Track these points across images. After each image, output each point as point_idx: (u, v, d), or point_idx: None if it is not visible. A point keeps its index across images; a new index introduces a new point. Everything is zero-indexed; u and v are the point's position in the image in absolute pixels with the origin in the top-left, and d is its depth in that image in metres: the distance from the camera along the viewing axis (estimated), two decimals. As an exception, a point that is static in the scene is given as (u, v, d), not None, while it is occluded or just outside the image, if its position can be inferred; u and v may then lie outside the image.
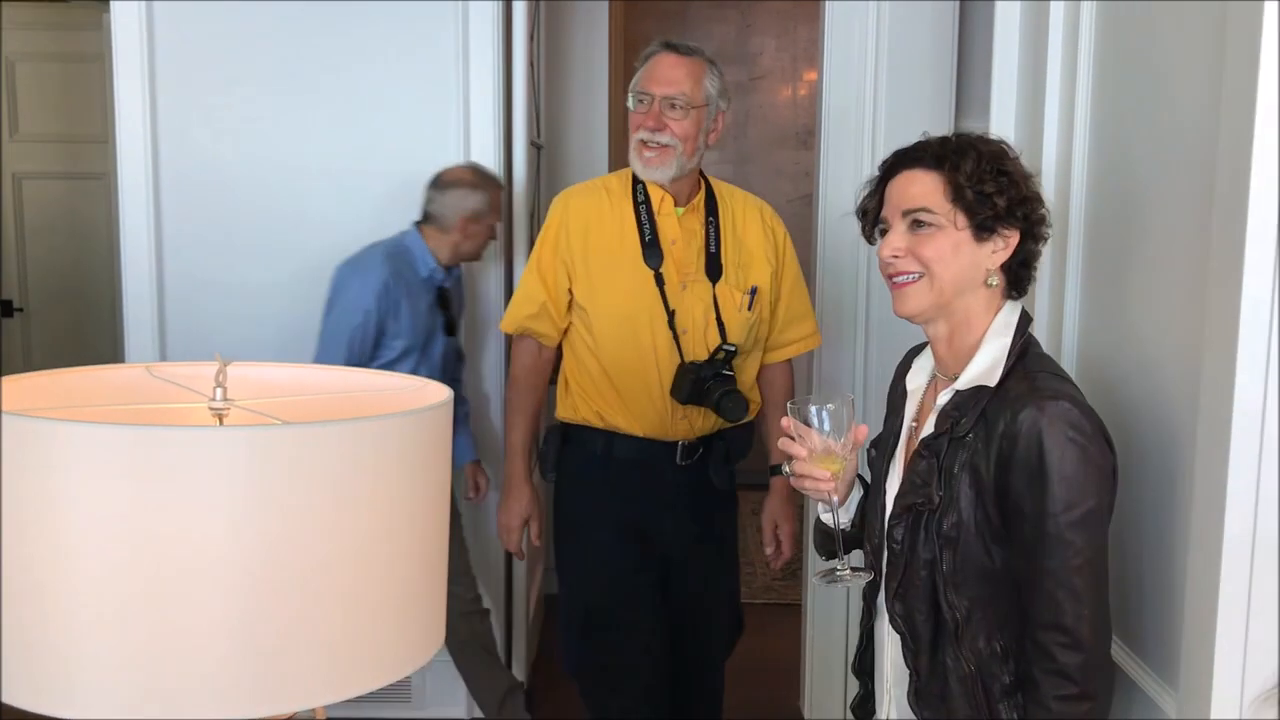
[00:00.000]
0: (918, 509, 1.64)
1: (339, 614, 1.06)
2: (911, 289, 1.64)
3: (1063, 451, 1.51)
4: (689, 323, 2.56)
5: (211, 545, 0.99)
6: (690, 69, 2.53)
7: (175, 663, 1.01)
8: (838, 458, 1.67)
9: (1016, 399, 1.56)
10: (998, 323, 1.65)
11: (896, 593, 1.67)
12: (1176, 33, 1.67)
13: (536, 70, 4.11)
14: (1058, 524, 1.52)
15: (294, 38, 3.40)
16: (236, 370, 1.26)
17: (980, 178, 1.60)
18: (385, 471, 1.08)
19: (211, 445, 0.98)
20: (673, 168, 2.53)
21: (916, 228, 1.63)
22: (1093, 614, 1.53)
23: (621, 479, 2.60)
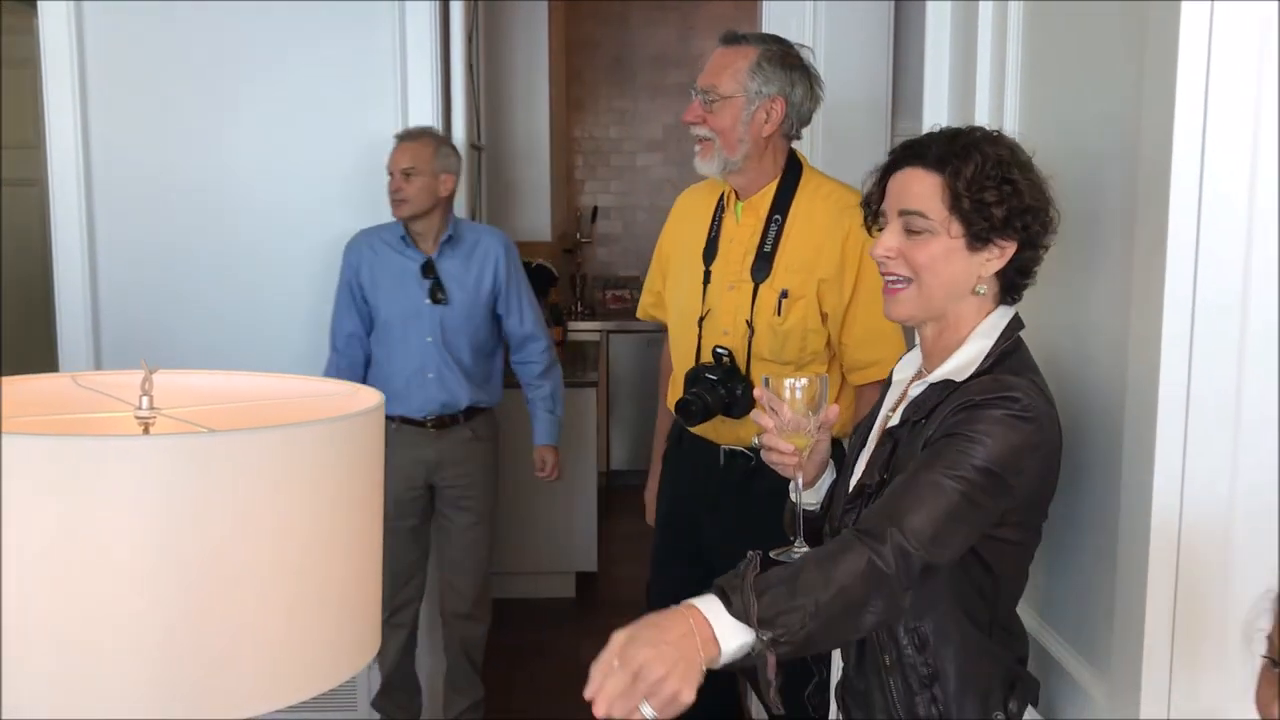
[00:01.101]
0: (864, 492, 1.64)
1: (272, 622, 1.05)
2: (902, 295, 1.62)
3: (1003, 428, 1.47)
4: (731, 324, 2.50)
5: (137, 556, 0.98)
6: (728, 60, 2.46)
7: (102, 671, 0.99)
8: (806, 434, 1.67)
9: (968, 385, 1.55)
10: (984, 325, 1.62)
11: None
12: (1100, 33, 1.70)
13: (476, 72, 4.10)
14: (963, 452, 1.46)
15: (227, 40, 3.36)
16: (165, 378, 1.24)
17: (981, 186, 1.54)
18: (316, 477, 1.07)
19: (134, 454, 0.97)
20: (715, 161, 2.46)
21: (912, 230, 1.59)
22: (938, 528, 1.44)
23: (679, 470, 2.68)
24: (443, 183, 3.24)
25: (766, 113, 2.44)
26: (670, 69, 6.95)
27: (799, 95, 2.46)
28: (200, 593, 1.00)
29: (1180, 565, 1.47)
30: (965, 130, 1.62)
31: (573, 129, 6.91)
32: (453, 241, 3.29)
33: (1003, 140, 1.60)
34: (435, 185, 3.23)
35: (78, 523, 0.97)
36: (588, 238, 6.95)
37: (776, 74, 2.43)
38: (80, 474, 0.96)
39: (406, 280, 3.24)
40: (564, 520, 4.83)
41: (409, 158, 3.21)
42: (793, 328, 2.44)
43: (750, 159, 2.47)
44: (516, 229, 5.04)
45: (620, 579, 5.17)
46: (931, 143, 1.59)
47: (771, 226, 2.47)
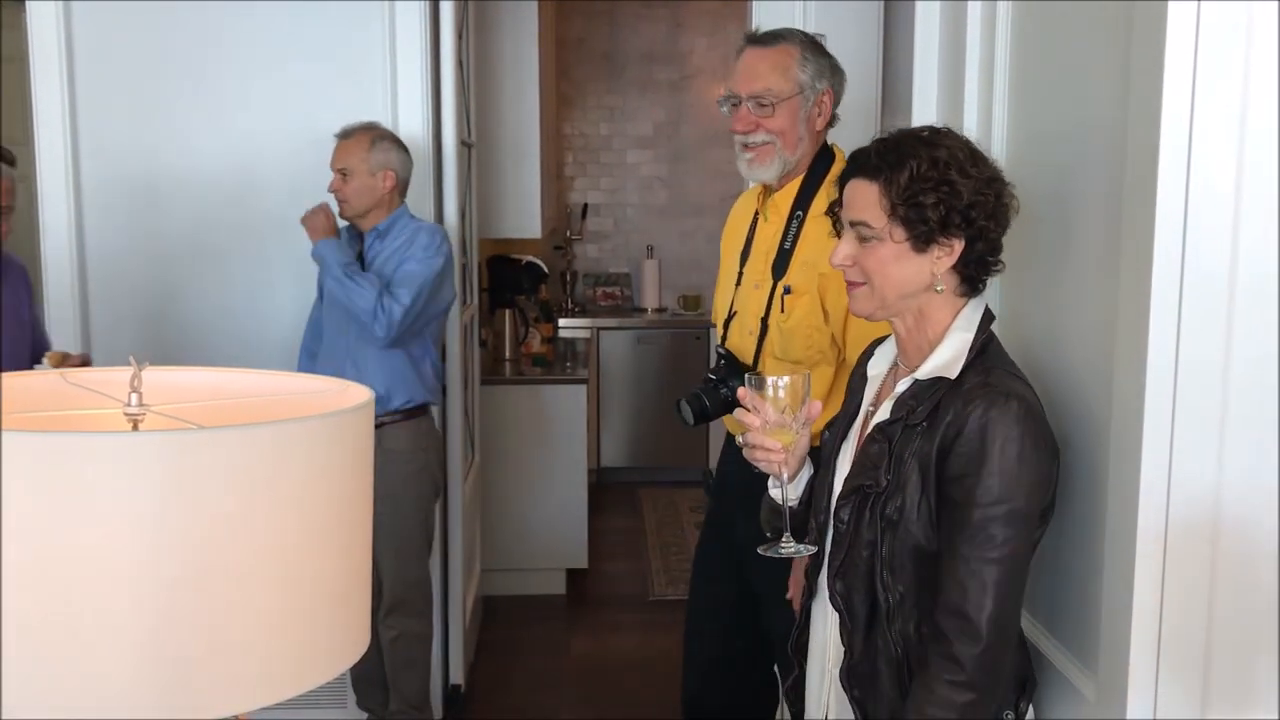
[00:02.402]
0: (865, 490, 1.66)
1: (261, 619, 1.05)
2: (857, 293, 1.69)
3: (1003, 447, 1.54)
4: (755, 324, 2.48)
5: (126, 552, 0.98)
6: (775, 60, 2.40)
7: (93, 672, 0.99)
8: (789, 430, 1.70)
9: (970, 391, 1.59)
10: (960, 320, 1.66)
11: (838, 571, 1.69)
12: (1087, 32, 1.71)
13: (466, 69, 4.09)
14: (984, 514, 1.54)
15: (216, 38, 3.36)
16: (154, 375, 1.24)
17: (915, 191, 1.59)
18: (304, 474, 1.07)
19: (123, 451, 0.97)
20: (776, 164, 2.42)
21: (862, 238, 1.65)
22: (997, 610, 1.54)
23: (725, 467, 2.69)
24: (382, 179, 3.16)
25: (819, 106, 2.42)
26: (659, 65, 6.95)
27: (838, 82, 2.45)
28: (190, 589, 1.00)
29: (1167, 564, 1.48)
30: (906, 134, 1.67)
31: (562, 126, 6.91)
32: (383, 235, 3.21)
33: (942, 140, 1.64)
34: (374, 183, 3.16)
35: (67, 519, 0.96)
36: (578, 234, 6.95)
37: (822, 65, 2.41)
38: (69, 471, 0.96)
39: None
40: (554, 517, 4.84)
41: (342, 157, 3.15)
42: (796, 325, 2.41)
43: (804, 156, 2.44)
44: (507, 226, 5.05)
45: (611, 575, 5.18)
46: (870, 152, 1.65)
47: (793, 223, 2.45)
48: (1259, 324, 1.44)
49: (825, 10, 3.31)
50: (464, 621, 3.92)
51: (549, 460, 4.85)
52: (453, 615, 3.80)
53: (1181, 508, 1.47)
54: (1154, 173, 1.43)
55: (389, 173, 3.18)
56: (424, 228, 3.25)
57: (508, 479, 4.80)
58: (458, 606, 3.82)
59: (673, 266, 6.88)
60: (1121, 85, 1.54)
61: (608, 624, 4.65)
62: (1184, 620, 1.48)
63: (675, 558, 5.30)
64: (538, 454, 4.83)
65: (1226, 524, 1.47)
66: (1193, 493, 1.47)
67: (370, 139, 3.16)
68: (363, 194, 3.16)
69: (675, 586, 4.90)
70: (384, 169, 3.17)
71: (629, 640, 4.45)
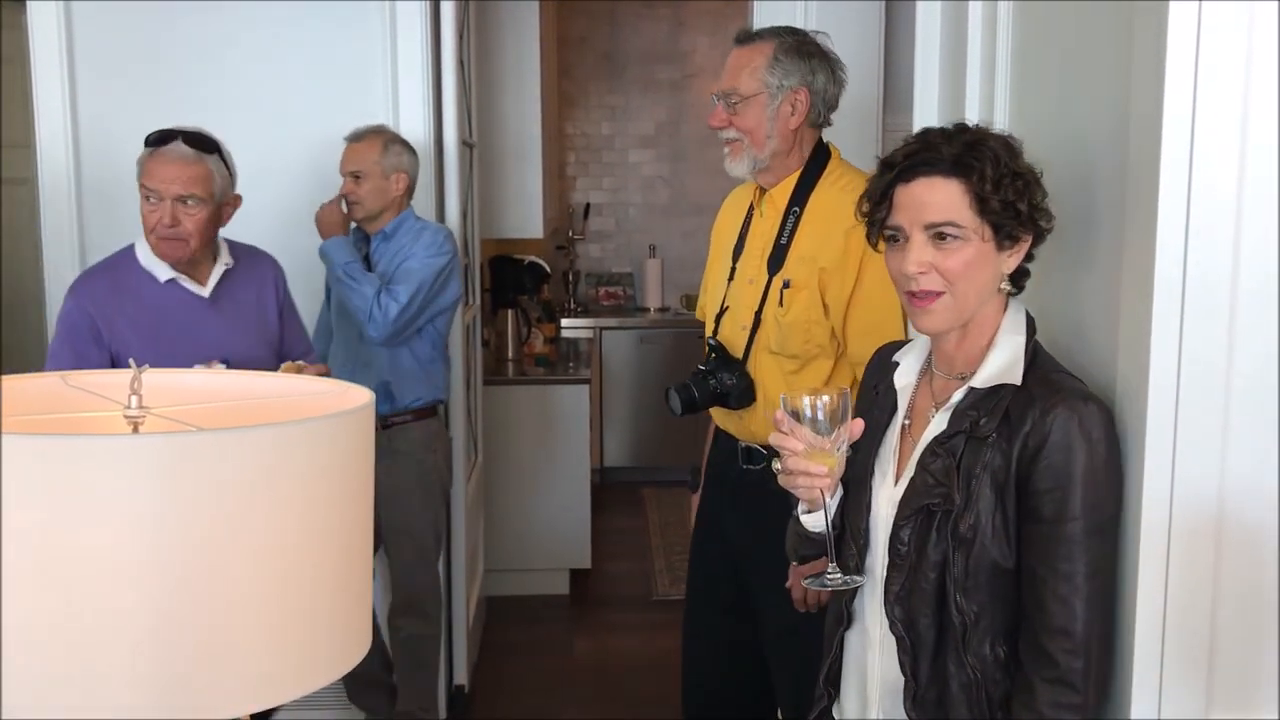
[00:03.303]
0: (930, 510, 1.57)
1: (262, 620, 1.05)
2: (936, 306, 1.57)
3: (1091, 455, 1.48)
4: (748, 319, 2.49)
5: (126, 554, 0.98)
6: (746, 59, 2.44)
7: (92, 672, 0.99)
8: (829, 453, 1.58)
9: (1045, 398, 1.51)
10: (1008, 321, 1.60)
11: (898, 596, 1.60)
12: (1089, 32, 1.71)
13: (467, 69, 4.09)
14: (1079, 528, 1.48)
15: (218, 37, 3.36)
16: (154, 377, 1.24)
17: (1001, 184, 1.52)
18: (306, 476, 1.07)
19: (124, 453, 0.97)
20: (745, 160, 2.45)
21: (939, 240, 1.54)
22: (1100, 623, 1.50)
23: (710, 470, 2.69)
24: (394, 182, 3.20)
25: (791, 105, 2.42)
26: (661, 65, 6.95)
27: (821, 82, 2.44)
28: (190, 591, 1.00)
29: (1171, 566, 1.47)
30: (958, 129, 1.58)
31: (564, 125, 6.91)
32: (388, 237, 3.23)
33: (996, 134, 1.58)
34: (387, 186, 3.20)
35: (68, 522, 0.96)
36: (580, 234, 6.95)
37: (795, 65, 2.42)
38: (70, 473, 0.96)
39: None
40: (557, 517, 4.84)
41: (355, 160, 3.19)
42: (795, 319, 2.41)
43: (779, 154, 2.45)
44: (509, 226, 5.05)
45: (614, 575, 5.18)
46: (939, 148, 1.54)
47: (789, 218, 2.46)
48: (1262, 326, 1.44)
49: (826, 9, 3.31)
50: (467, 622, 3.92)
51: (552, 460, 4.85)
52: (456, 615, 3.80)
53: (1185, 509, 1.46)
54: (1156, 173, 1.42)
55: (402, 175, 3.21)
56: (429, 228, 3.27)
57: (510, 479, 4.80)
58: (461, 607, 3.82)
59: (675, 266, 6.88)
60: (1123, 85, 1.54)
61: (611, 624, 4.65)
62: (1188, 621, 1.48)
63: (678, 558, 5.30)
64: (540, 454, 4.83)
65: (1230, 525, 1.47)
66: (1196, 494, 1.46)
67: (383, 141, 3.19)
68: (376, 196, 3.19)
69: (678, 586, 4.88)
70: (397, 171, 3.20)
71: (632, 640, 4.45)
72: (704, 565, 2.73)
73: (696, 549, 2.78)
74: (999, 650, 1.55)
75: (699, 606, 2.75)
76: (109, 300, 2.60)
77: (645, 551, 5.49)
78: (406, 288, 3.11)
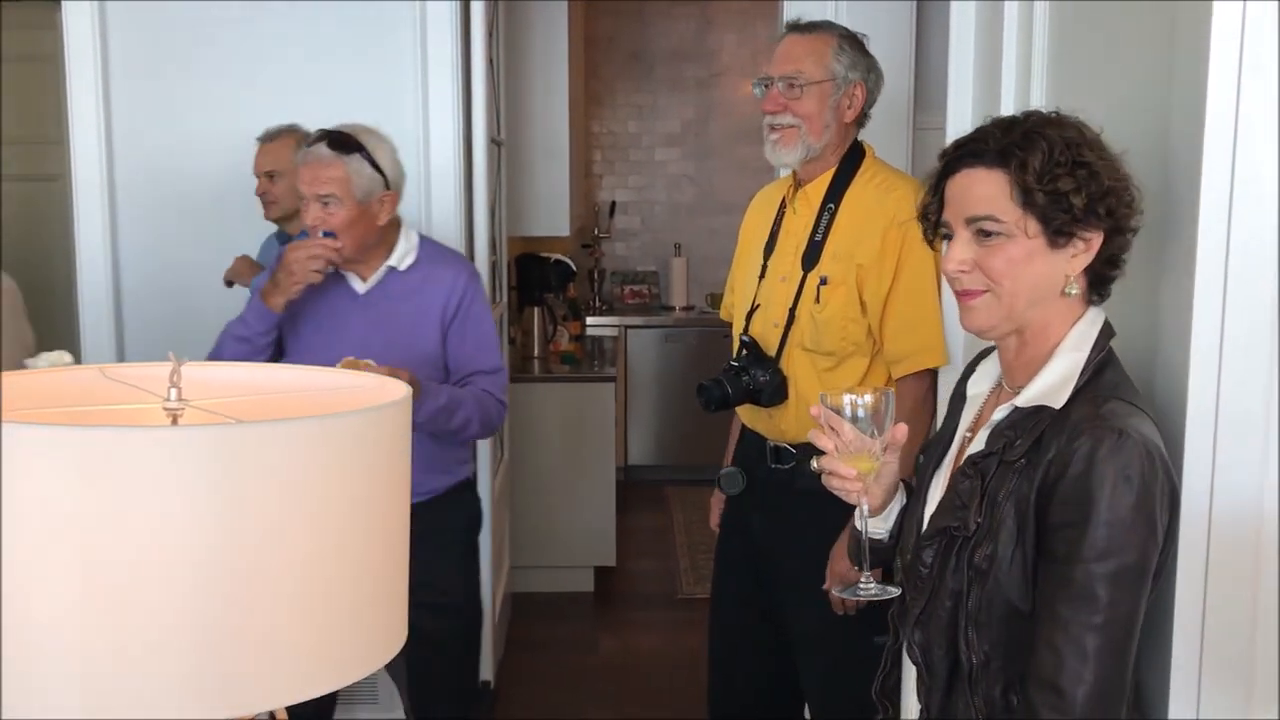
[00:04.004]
0: (951, 533, 1.47)
1: (299, 613, 1.06)
2: (978, 303, 1.46)
3: (1113, 493, 1.33)
4: (780, 316, 2.48)
5: (168, 546, 0.98)
6: (810, 45, 2.41)
7: (134, 664, 1.00)
8: (870, 456, 1.49)
9: (1076, 424, 1.38)
10: (1075, 334, 1.46)
11: (918, 620, 1.52)
12: (1129, 23, 1.69)
13: (496, 68, 4.10)
14: (1087, 572, 1.34)
15: (250, 36, 3.38)
16: (192, 371, 1.24)
17: (1053, 175, 1.39)
18: (344, 469, 1.08)
19: (166, 445, 0.97)
20: (799, 149, 2.42)
21: (983, 236, 1.43)
22: (1097, 682, 1.34)
23: (736, 465, 2.66)
24: None
25: (850, 99, 2.42)
26: (688, 63, 6.94)
27: (873, 81, 2.45)
28: (229, 582, 1.01)
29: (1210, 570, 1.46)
30: (1021, 117, 1.47)
31: (591, 124, 6.91)
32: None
33: (1065, 120, 1.45)
34: None
35: (110, 513, 0.97)
36: (606, 233, 6.95)
37: (858, 59, 2.42)
38: (114, 464, 0.96)
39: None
40: (582, 515, 4.84)
41: (270, 160, 3.17)
42: (831, 316, 2.40)
43: (829, 146, 2.44)
44: (536, 224, 5.05)
45: (639, 573, 5.19)
46: (987, 137, 1.44)
47: (824, 215, 2.45)
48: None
49: (857, 7, 3.29)
50: (493, 618, 3.92)
51: (577, 458, 4.85)
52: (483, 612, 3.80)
53: (1224, 516, 1.44)
54: (1198, 174, 1.40)
55: None
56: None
57: (536, 476, 4.81)
58: (487, 603, 3.83)
59: (701, 264, 6.88)
60: (1165, 82, 1.52)
61: (636, 622, 4.65)
62: (1227, 622, 1.46)
63: (703, 556, 5.29)
64: (566, 452, 4.84)
65: (1269, 532, 1.45)
66: (1235, 501, 1.44)
67: (296, 140, 3.10)
68: (291, 195, 3.06)
69: (703, 585, 4.88)
70: None
71: (657, 638, 4.45)
72: (730, 565, 2.73)
73: (722, 548, 2.77)
74: (1011, 698, 1.43)
75: (725, 606, 2.75)
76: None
77: (670, 550, 5.49)
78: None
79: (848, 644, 2.39)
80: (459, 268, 2.72)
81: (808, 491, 2.40)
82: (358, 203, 2.53)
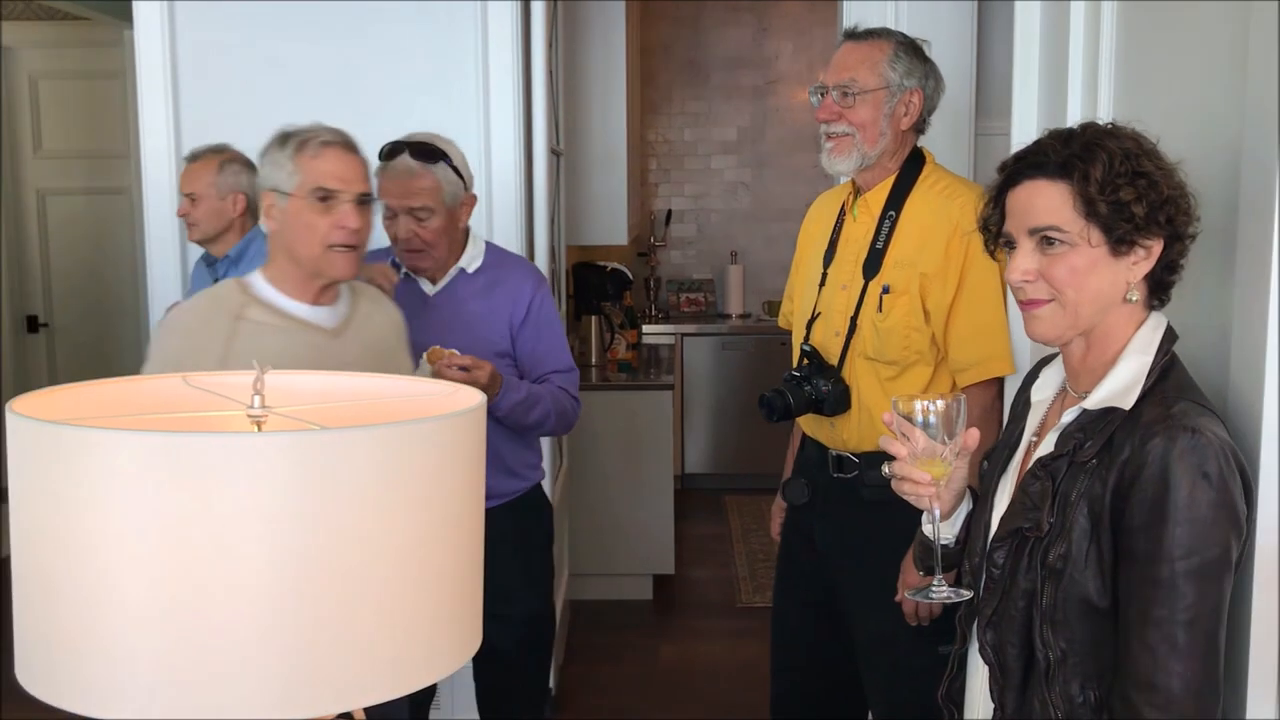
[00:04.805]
0: (1024, 534, 1.50)
1: (377, 617, 1.07)
2: (1043, 313, 1.50)
3: (1191, 490, 1.36)
4: (842, 325, 2.47)
5: (252, 549, 1.01)
6: (865, 53, 2.40)
7: (216, 665, 1.02)
8: (942, 461, 1.52)
9: (1148, 425, 1.40)
10: (1139, 338, 1.49)
11: (990, 621, 1.54)
12: (1199, 28, 1.67)
13: (555, 78, 4.13)
14: (1173, 570, 1.36)
15: (315, 48, 3.43)
16: (274, 378, 1.27)
17: (1114, 185, 1.43)
18: (422, 475, 1.09)
19: (253, 451, 0.99)
20: (854, 157, 2.41)
21: (1046, 245, 1.47)
22: (1194, 677, 1.36)
23: (797, 474, 2.66)
24: (231, 203, 3.13)
25: (906, 106, 2.40)
26: (744, 70, 6.94)
27: (931, 87, 2.44)
28: (311, 586, 1.03)
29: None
30: (1078, 130, 1.50)
31: (647, 132, 6.94)
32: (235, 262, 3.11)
33: (1123, 132, 1.49)
34: (223, 207, 3.12)
35: (196, 517, 0.99)
36: (662, 241, 6.96)
37: (914, 65, 2.40)
38: (202, 469, 0.99)
39: None
40: (641, 523, 4.85)
41: (190, 181, 3.14)
42: (895, 325, 2.39)
43: (885, 154, 2.43)
44: (593, 232, 5.08)
45: (697, 581, 5.18)
46: (1046, 149, 1.48)
47: (885, 222, 2.44)
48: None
49: (918, 10, 3.28)
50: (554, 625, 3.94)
51: (635, 466, 4.86)
52: (542, 619, 3.82)
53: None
54: (1273, 177, 1.39)
55: (239, 195, 3.13)
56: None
57: (595, 484, 4.83)
58: (547, 610, 3.85)
59: (757, 272, 6.87)
60: (1238, 85, 1.51)
61: (696, 630, 4.64)
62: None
63: (762, 565, 5.28)
64: (624, 460, 4.85)
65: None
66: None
67: (219, 162, 3.13)
68: (212, 218, 3.12)
69: (762, 594, 4.88)
70: (234, 192, 3.13)
71: (717, 647, 4.44)
72: (792, 573, 2.72)
73: (784, 557, 2.76)
74: (1089, 693, 1.45)
75: (788, 615, 2.74)
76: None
77: (728, 558, 5.48)
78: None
79: (912, 651, 2.37)
80: (526, 271, 2.77)
81: (872, 500, 2.40)
82: (448, 210, 2.57)
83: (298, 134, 2.09)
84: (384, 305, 2.35)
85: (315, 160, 2.07)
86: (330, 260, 2.09)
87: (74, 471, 1.01)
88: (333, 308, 2.17)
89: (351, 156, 2.12)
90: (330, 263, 2.09)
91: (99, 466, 1.00)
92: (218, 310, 2.10)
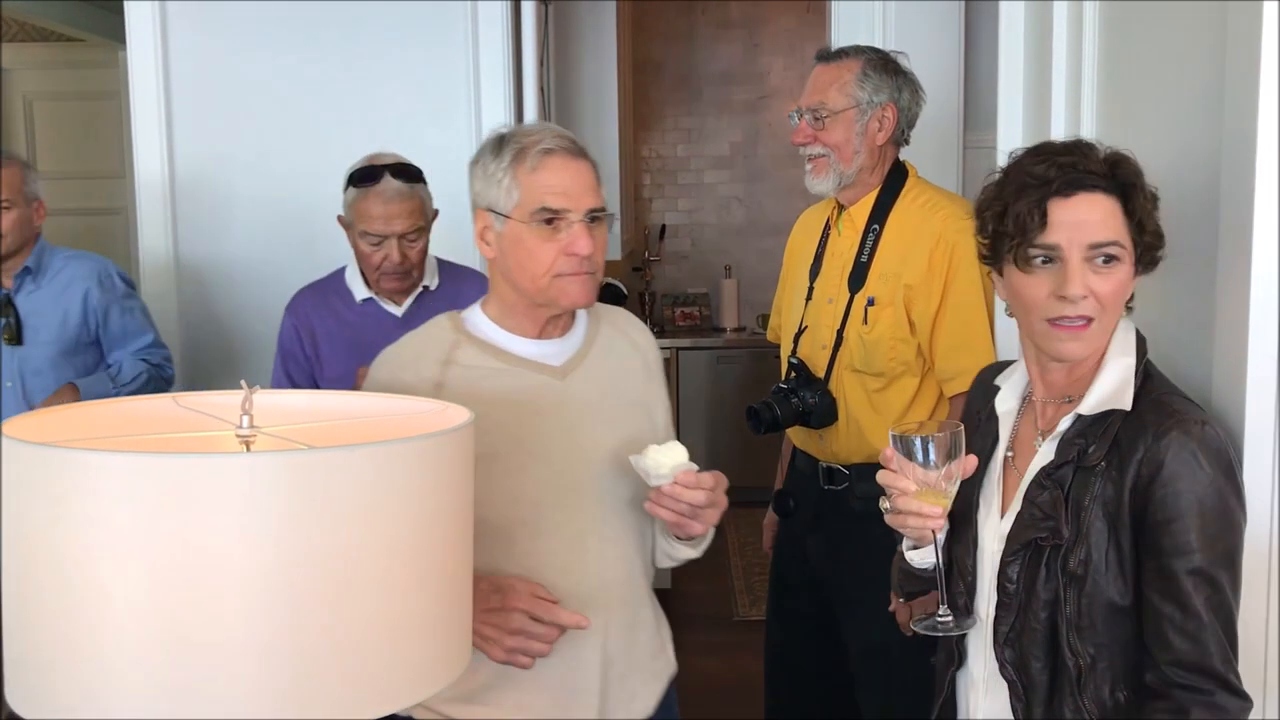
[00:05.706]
0: (1039, 544, 1.49)
1: (366, 635, 1.08)
2: (1087, 333, 1.47)
3: (1212, 483, 1.39)
4: (828, 338, 2.49)
5: (241, 568, 1.01)
6: (834, 74, 2.44)
7: (206, 684, 1.03)
8: (941, 492, 1.50)
9: (1157, 423, 1.42)
10: (1117, 341, 1.51)
11: (1008, 638, 1.53)
12: (1179, 34, 1.69)
13: (547, 94, 4.15)
14: (1204, 560, 1.39)
15: (308, 65, 3.42)
16: (262, 398, 1.28)
17: (1152, 207, 1.46)
18: (410, 493, 1.10)
19: (242, 471, 1.00)
20: (832, 176, 2.45)
21: (1103, 263, 1.45)
22: (1231, 652, 1.40)
23: (791, 488, 2.68)
24: (37, 210, 2.97)
25: (879, 121, 2.43)
26: (736, 86, 6.97)
27: (906, 99, 2.45)
28: (301, 604, 1.04)
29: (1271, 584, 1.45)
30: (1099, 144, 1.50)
31: (640, 148, 6.96)
32: (34, 273, 2.96)
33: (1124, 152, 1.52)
34: (31, 215, 2.95)
35: (191, 536, 1.00)
36: (656, 255, 6.98)
37: (884, 81, 2.43)
38: (191, 490, 1.00)
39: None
40: (637, 537, 4.83)
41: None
42: (880, 337, 2.40)
43: (863, 171, 2.45)
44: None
45: (693, 595, 5.17)
46: (1094, 164, 1.47)
47: (869, 236, 2.46)
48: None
49: (904, 26, 3.30)
50: (550, 641, 3.93)
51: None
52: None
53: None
54: (1251, 184, 1.40)
55: (41, 203, 3.00)
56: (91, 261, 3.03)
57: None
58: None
59: (751, 286, 6.88)
60: (1216, 91, 1.52)
61: (691, 644, 4.61)
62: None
63: (758, 578, 5.28)
64: (620, 474, 4.83)
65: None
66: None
67: (24, 168, 2.97)
68: (23, 227, 2.93)
69: (758, 607, 4.87)
70: (36, 199, 2.98)
71: (713, 660, 4.44)
72: (785, 586, 2.73)
73: (777, 570, 2.77)
74: (1120, 694, 1.46)
75: (781, 628, 2.74)
76: (313, 315, 2.65)
77: (724, 572, 5.48)
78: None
79: (906, 662, 2.37)
80: (477, 280, 2.70)
81: (863, 512, 2.41)
82: (429, 227, 2.57)
83: (514, 138, 1.74)
84: (631, 330, 1.99)
85: (535, 174, 1.70)
86: (561, 288, 1.74)
87: (64, 493, 1.02)
88: (563, 340, 1.85)
89: (579, 164, 1.74)
90: (561, 291, 1.74)
91: (89, 487, 1.01)
92: (422, 354, 1.79)
